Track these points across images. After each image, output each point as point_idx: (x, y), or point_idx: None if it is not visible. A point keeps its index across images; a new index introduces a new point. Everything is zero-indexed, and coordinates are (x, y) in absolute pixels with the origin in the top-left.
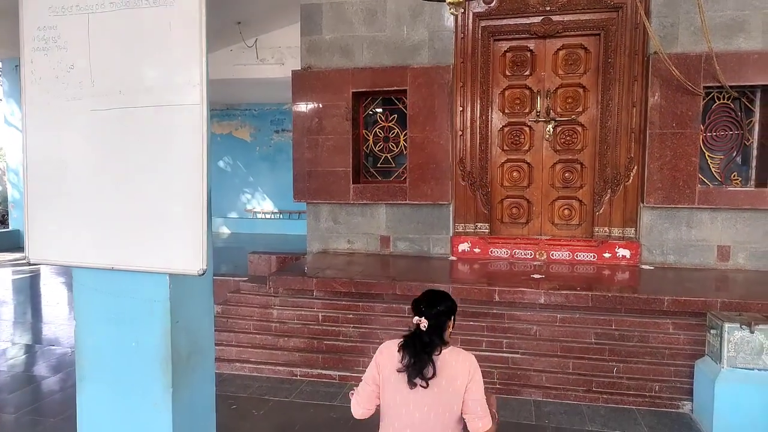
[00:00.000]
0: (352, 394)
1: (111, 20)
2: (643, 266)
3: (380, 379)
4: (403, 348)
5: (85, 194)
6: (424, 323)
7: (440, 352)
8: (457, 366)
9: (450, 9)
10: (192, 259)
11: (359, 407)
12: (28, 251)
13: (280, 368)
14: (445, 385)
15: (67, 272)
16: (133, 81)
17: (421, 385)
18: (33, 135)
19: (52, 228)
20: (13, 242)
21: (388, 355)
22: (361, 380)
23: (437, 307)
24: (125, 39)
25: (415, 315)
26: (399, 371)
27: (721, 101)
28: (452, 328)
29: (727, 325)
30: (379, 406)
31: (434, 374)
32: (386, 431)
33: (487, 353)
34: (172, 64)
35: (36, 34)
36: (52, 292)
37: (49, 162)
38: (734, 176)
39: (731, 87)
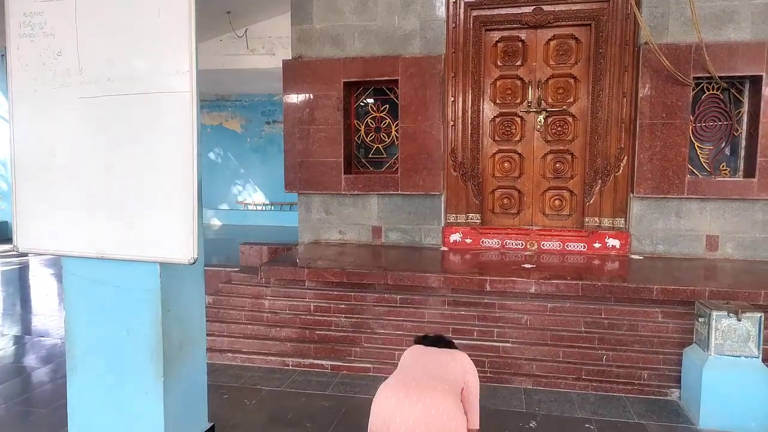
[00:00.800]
0: None
1: (99, 6)
2: (633, 256)
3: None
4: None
5: (73, 183)
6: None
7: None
8: (458, 358)
9: None
10: (183, 247)
11: None
12: (16, 240)
13: (272, 358)
14: (448, 359)
15: (56, 263)
16: (121, 68)
17: (435, 345)
18: (20, 123)
19: (41, 216)
20: (2, 234)
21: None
22: (352, 372)
23: (443, 342)
24: (113, 25)
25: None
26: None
27: (711, 92)
28: None
29: (714, 313)
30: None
31: (444, 345)
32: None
33: (478, 342)
34: (160, 51)
35: (22, 20)
36: (42, 283)
37: (37, 150)
38: (723, 167)
39: (720, 77)
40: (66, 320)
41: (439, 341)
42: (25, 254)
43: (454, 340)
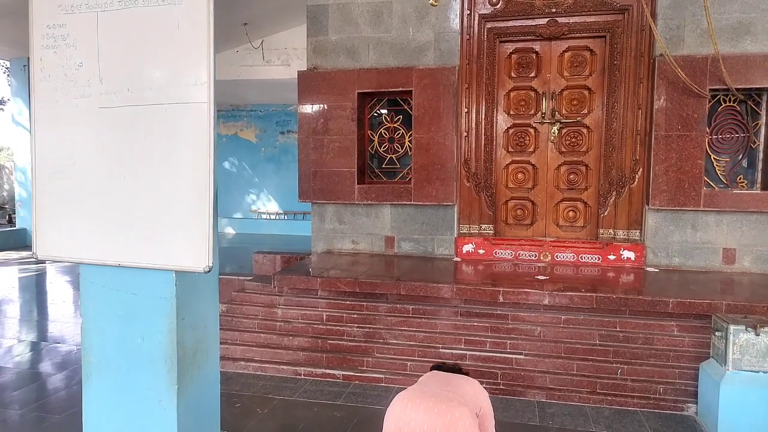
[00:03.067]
0: None
1: (120, 18)
2: (648, 268)
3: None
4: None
5: (92, 191)
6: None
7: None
8: (471, 385)
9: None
10: (198, 256)
11: None
12: (35, 247)
13: (285, 367)
14: (463, 384)
15: (72, 271)
16: (141, 79)
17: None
18: (41, 132)
19: (60, 224)
20: (20, 241)
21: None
22: (364, 382)
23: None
24: (134, 37)
25: None
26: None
27: (727, 104)
28: None
29: (732, 328)
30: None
31: (459, 372)
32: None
33: (490, 354)
34: (179, 62)
35: (45, 32)
36: (58, 290)
37: (58, 159)
38: (740, 179)
39: (737, 89)
40: (83, 327)
41: (457, 370)
42: (42, 261)
43: (465, 368)
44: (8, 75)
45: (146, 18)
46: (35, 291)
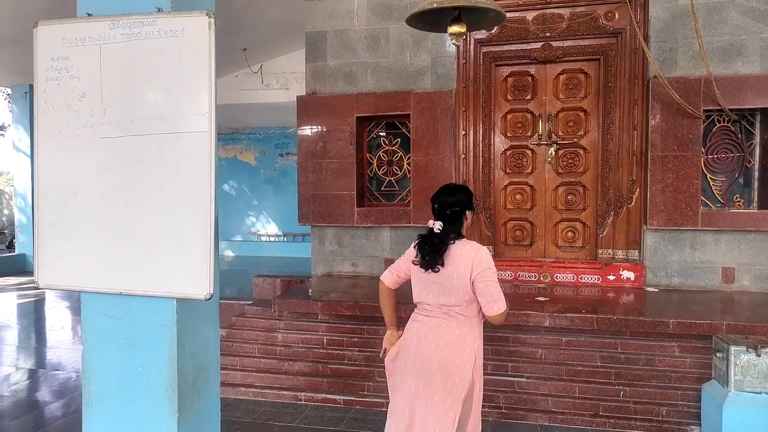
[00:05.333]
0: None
1: (122, 51)
2: (648, 288)
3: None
4: (417, 246)
5: (94, 220)
6: (437, 226)
7: (448, 247)
8: (461, 256)
9: (452, 39)
10: (199, 283)
11: (391, 275)
12: (37, 276)
13: (285, 392)
14: (450, 271)
15: (71, 297)
16: (143, 109)
17: (433, 271)
18: (44, 162)
19: (61, 253)
20: (19, 266)
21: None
22: (365, 407)
23: (451, 208)
24: (136, 69)
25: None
26: (414, 263)
27: (722, 124)
28: (470, 219)
29: (733, 348)
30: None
31: (442, 265)
32: (416, 300)
33: (492, 377)
34: (181, 92)
35: (50, 64)
36: (57, 316)
37: (59, 188)
38: (737, 198)
39: (731, 110)
40: (83, 355)
41: (445, 230)
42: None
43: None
44: (9, 102)
45: (148, 50)
46: (34, 317)
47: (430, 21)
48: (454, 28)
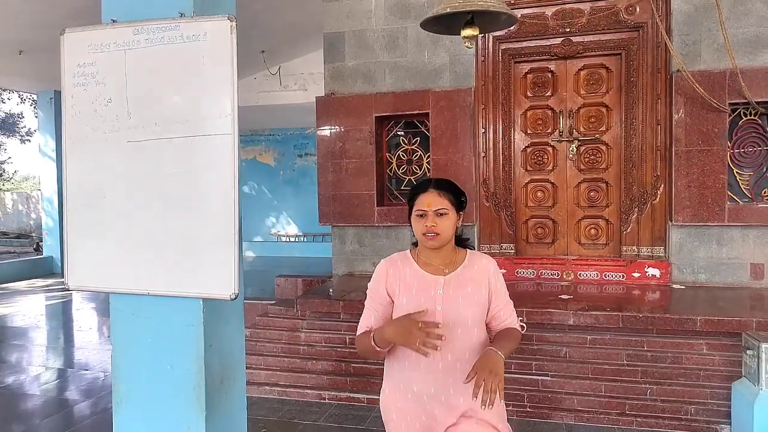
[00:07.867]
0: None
1: (146, 56)
2: (674, 285)
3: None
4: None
5: (121, 222)
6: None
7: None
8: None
9: (465, 42)
10: (225, 283)
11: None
12: (67, 278)
13: (309, 391)
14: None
15: (98, 298)
16: (167, 113)
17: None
18: (72, 166)
19: (90, 255)
20: (47, 268)
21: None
22: None
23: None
24: (160, 73)
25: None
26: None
27: (749, 117)
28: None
29: (764, 346)
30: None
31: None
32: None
33: (516, 376)
34: (204, 96)
35: (76, 70)
36: (84, 317)
37: (87, 192)
38: (765, 192)
39: (758, 103)
40: (113, 355)
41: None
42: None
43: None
44: (35, 108)
45: (172, 54)
46: (62, 318)
47: (444, 24)
48: (467, 32)
